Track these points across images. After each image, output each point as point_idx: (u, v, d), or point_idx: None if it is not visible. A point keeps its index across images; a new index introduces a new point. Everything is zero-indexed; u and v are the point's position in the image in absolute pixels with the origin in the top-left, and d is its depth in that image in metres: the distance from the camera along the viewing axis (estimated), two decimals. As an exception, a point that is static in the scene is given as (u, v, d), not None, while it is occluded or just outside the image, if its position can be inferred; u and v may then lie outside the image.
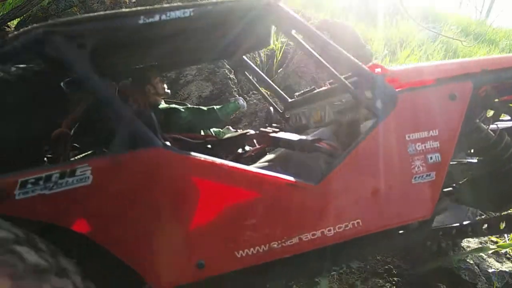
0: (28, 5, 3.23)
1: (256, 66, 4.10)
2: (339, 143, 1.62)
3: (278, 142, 1.77)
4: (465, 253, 2.28)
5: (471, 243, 2.57)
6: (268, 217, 1.38)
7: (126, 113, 1.32)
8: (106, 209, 1.26)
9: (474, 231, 1.91)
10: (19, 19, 3.58)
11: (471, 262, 2.29)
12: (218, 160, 1.34)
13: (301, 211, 1.41)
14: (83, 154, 1.91)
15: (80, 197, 1.22)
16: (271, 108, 2.38)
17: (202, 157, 1.32)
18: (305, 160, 1.65)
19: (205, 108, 2.51)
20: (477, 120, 1.70)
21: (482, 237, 2.73)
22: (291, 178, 1.39)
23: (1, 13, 3.76)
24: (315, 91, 2.11)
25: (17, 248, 1.01)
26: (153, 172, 1.28)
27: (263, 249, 1.36)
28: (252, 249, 1.35)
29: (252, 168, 1.44)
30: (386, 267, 2.41)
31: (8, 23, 3.53)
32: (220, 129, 2.84)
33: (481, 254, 2.36)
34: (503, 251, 2.45)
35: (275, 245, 1.37)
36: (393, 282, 2.29)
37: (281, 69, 4.19)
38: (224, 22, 1.53)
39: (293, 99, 2.38)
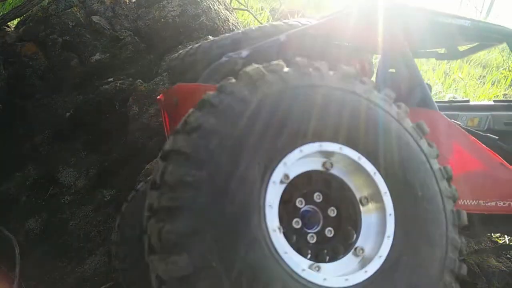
0: (28, 5, 3.23)
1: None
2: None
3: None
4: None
5: (470, 242, 2.57)
6: (483, 182, 1.85)
7: (421, 79, 1.83)
8: None
9: None
10: (19, 19, 3.57)
11: (471, 262, 2.28)
12: (466, 133, 1.85)
13: (501, 183, 1.88)
14: None
15: None
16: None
17: (459, 126, 1.85)
18: None
19: None
20: None
21: (482, 238, 2.73)
22: (501, 159, 1.88)
23: (1, 13, 3.77)
24: (473, 103, 2.76)
25: None
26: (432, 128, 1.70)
27: (473, 203, 1.81)
28: (467, 200, 1.79)
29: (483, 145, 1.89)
30: (386, 267, 2.40)
31: (8, 23, 3.53)
32: None
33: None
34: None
35: (481, 202, 1.82)
36: (393, 282, 2.29)
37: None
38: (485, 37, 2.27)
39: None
